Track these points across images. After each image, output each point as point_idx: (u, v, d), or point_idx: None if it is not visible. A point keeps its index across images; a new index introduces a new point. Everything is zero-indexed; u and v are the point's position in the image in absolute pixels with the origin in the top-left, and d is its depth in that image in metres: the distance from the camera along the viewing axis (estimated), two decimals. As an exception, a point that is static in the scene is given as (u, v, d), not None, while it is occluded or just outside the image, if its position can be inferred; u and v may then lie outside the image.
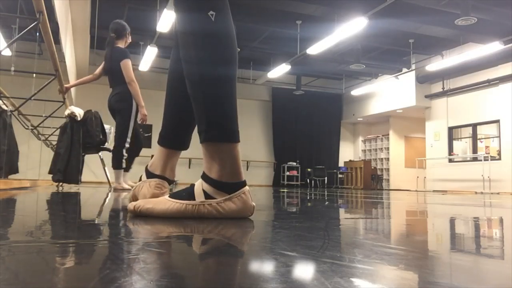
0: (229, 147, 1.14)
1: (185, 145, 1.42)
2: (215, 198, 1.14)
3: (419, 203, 3.01)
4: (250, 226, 1.05)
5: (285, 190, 6.69)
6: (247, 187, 1.17)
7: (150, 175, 1.39)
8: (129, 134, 4.39)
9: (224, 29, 1.15)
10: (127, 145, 4.42)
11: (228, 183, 1.14)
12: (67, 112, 5.05)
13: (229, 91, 1.15)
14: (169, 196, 1.18)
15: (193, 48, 1.15)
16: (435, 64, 11.64)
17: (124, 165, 4.39)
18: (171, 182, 1.41)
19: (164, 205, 1.16)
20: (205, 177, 1.16)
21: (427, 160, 13.70)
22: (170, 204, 1.15)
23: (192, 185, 1.18)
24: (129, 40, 4.54)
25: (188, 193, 1.16)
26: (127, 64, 4.30)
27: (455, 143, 13.14)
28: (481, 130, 12.70)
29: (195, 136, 1.32)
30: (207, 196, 1.14)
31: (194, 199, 1.15)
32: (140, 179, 1.41)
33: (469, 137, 12.75)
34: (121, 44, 4.42)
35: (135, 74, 4.49)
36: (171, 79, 1.42)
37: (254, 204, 1.19)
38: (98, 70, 4.55)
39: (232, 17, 1.48)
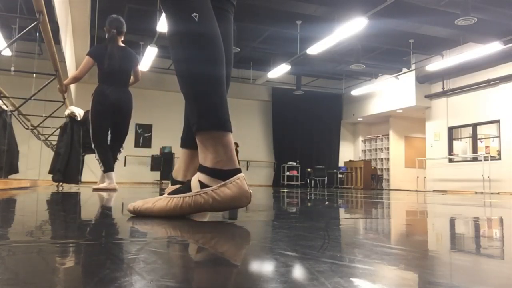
0: (220, 135, 1.16)
1: None
2: (210, 186, 1.14)
3: (419, 203, 3.01)
4: (250, 226, 1.05)
5: (285, 190, 6.69)
6: (242, 174, 1.18)
7: (173, 181, 1.44)
8: None
9: (209, 28, 1.21)
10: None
11: (222, 170, 1.15)
12: (67, 112, 5.06)
13: (218, 84, 1.19)
14: (168, 194, 1.19)
15: (180, 47, 1.21)
16: (435, 64, 11.63)
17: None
18: None
19: (162, 202, 1.17)
20: (200, 167, 1.18)
21: (427, 160, 13.70)
22: (168, 201, 1.16)
23: (189, 180, 1.19)
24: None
25: (185, 187, 1.18)
26: (139, 69, 4.55)
27: (455, 143, 13.14)
28: (481, 130, 12.69)
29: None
30: (202, 186, 1.15)
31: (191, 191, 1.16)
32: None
33: (469, 137, 12.75)
34: (120, 41, 4.39)
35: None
36: None
37: (251, 191, 1.19)
38: (87, 66, 4.22)
39: (232, 17, 1.49)
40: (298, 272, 0.52)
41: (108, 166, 4.22)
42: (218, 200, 1.13)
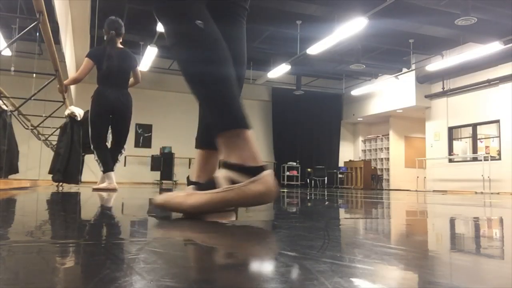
0: (240, 132, 1.17)
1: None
2: (239, 182, 1.14)
3: (419, 203, 3.01)
4: (250, 226, 1.05)
5: (285, 190, 6.69)
6: (270, 170, 1.17)
7: (188, 182, 1.46)
8: None
9: (212, 32, 1.23)
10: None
11: (250, 166, 1.14)
12: (67, 112, 5.06)
13: (227, 83, 1.20)
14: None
15: (187, 50, 1.23)
16: (435, 64, 11.63)
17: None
18: None
19: (193, 198, 1.17)
20: (225, 164, 1.17)
21: (427, 160, 13.69)
22: (198, 197, 1.16)
23: (212, 178, 1.19)
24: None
25: (208, 186, 1.17)
26: (139, 71, 4.52)
27: (455, 143, 13.13)
28: (481, 130, 12.69)
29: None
30: (230, 182, 1.14)
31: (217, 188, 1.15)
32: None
33: (469, 137, 12.74)
34: (119, 43, 4.39)
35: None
36: None
37: (278, 187, 1.18)
38: (87, 67, 4.23)
39: (245, 20, 1.53)
40: (298, 272, 0.52)
41: (107, 166, 4.22)
42: (246, 196, 1.12)
